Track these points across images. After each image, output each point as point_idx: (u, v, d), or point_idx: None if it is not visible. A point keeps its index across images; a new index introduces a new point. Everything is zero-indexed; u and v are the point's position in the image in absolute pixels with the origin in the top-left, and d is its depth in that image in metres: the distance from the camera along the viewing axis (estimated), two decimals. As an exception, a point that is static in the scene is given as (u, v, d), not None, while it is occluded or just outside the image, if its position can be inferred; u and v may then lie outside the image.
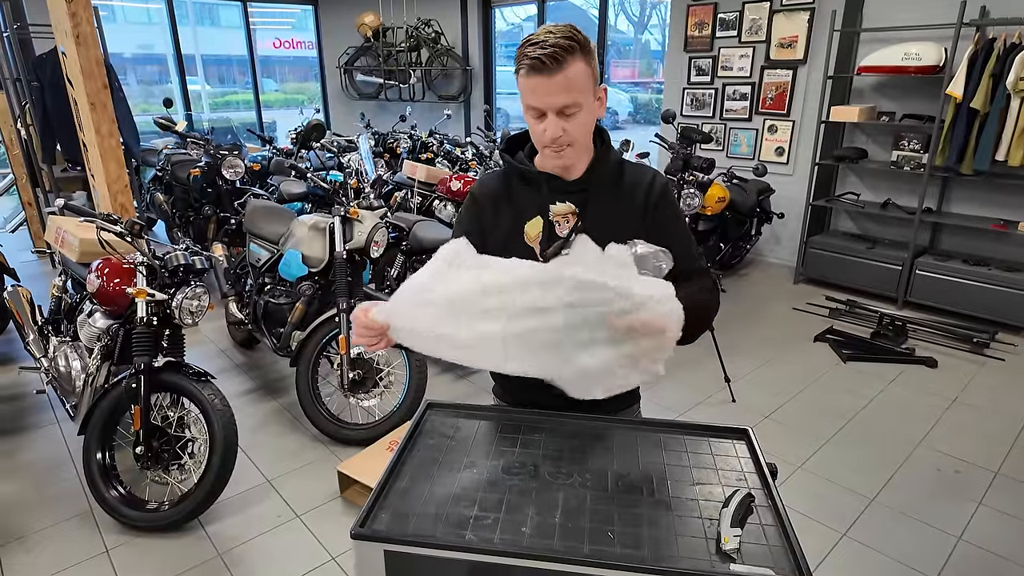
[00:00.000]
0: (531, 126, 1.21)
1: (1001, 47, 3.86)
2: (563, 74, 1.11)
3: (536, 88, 1.13)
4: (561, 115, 1.15)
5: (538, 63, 1.10)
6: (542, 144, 1.20)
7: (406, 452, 1.25)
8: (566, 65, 1.11)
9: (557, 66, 1.10)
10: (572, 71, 1.12)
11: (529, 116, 1.19)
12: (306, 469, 2.69)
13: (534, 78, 1.12)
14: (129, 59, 9.62)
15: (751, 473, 1.20)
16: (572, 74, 1.12)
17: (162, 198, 5.10)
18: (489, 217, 1.32)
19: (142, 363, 2.29)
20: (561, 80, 1.11)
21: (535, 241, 1.27)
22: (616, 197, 1.27)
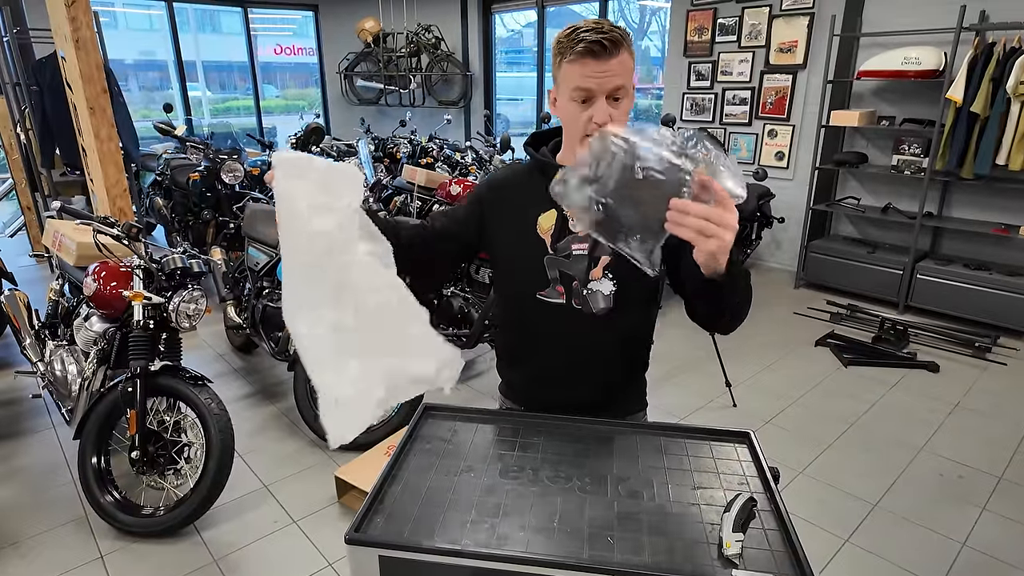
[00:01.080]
0: (572, 113, 1.19)
1: (1001, 51, 3.86)
2: (618, 59, 1.15)
3: (591, 71, 1.15)
4: (610, 99, 1.17)
5: (597, 46, 1.13)
6: (584, 132, 1.18)
7: (402, 456, 1.23)
8: (620, 50, 1.15)
9: (615, 49, 1.14)
10: (623, 57, 1.16)
11: (572, 102, 1.18)
12: (303, 474, 2.67)
13: (589, 62, 1.14)
14: (131, 65, 9.65)
15: (753, 477, 1.19)
16: (624, 60, 1.16)
17: (161, 202, 5.10)
18: (497, 205, 1.33)
19: (138, 367, 2.27)
20: (616, 64, 1.15)
21: (547, 233, 1.27)
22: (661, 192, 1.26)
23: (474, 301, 3.41)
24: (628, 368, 1.43)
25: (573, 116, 1.19)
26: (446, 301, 3.47)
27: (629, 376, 1.45)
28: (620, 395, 1.44)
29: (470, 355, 3.69)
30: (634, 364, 1.44)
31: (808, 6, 4.80)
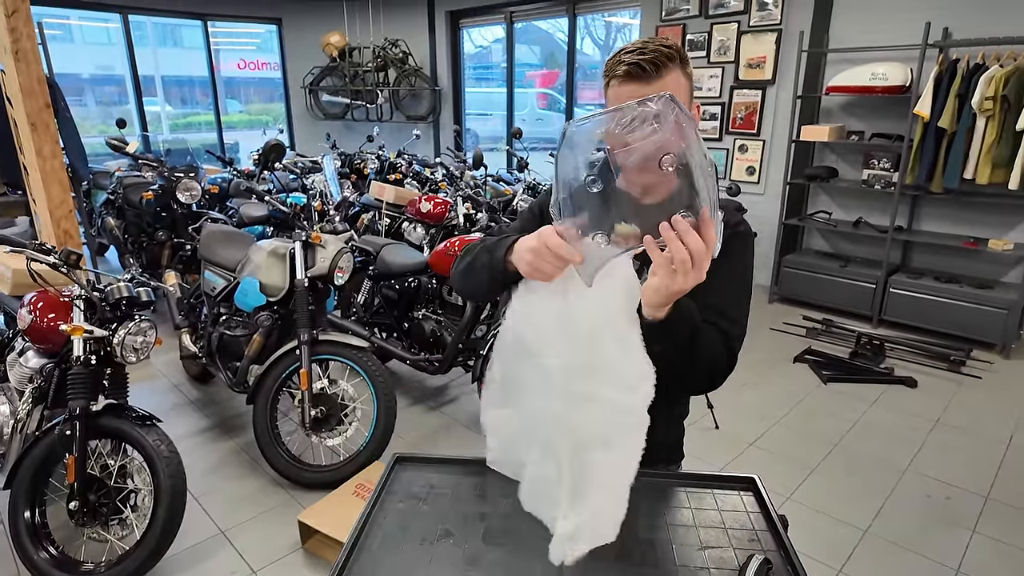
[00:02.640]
0: None
1: (965, 68, 3.91)
2: (662, 82, 1.02)
3: (630, 96, 1.01)
4: None
5: (637, 68, 1.01)
6: None
7: (370, 519, 1.08)
8: (665, 73, 1.02)
9: (656, 72, 1.01)
10: (671, 80, 1.02)
11: None
12: (264, 517, 2.48)
13: (630, 85, 1.02)
14: (87, 79, 9.30)
15: (763, 531, 1.07)
16: (671, 83, 1.02)
17: (113, 223, 4.84)
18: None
19: (78, 407, 2.06)
20: (659, 88, 1.01)
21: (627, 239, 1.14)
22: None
23: (447, 324, 3.26)
24: (668, 412, 1.30)
25: None
26: (417, 324, 3.32)
27: (668, 421, 1.32)
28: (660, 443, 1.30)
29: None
30: (673, 409, 1.33)
31: (776, 22, 4.83)
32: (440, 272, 3.24)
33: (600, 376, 0.93)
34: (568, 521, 0.95)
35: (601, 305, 0.95)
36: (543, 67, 10.17)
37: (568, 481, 0.96)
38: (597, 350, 0.94)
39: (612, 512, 0.96)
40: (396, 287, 3.37)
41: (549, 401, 0.98)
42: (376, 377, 2.61)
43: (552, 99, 10.11)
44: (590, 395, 0.93)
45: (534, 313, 1.02)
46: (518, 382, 1.06)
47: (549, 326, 0.98)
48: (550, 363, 0.97)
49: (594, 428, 0.94)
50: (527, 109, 9.79)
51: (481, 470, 1.21)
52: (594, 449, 0.94)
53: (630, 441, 0.95)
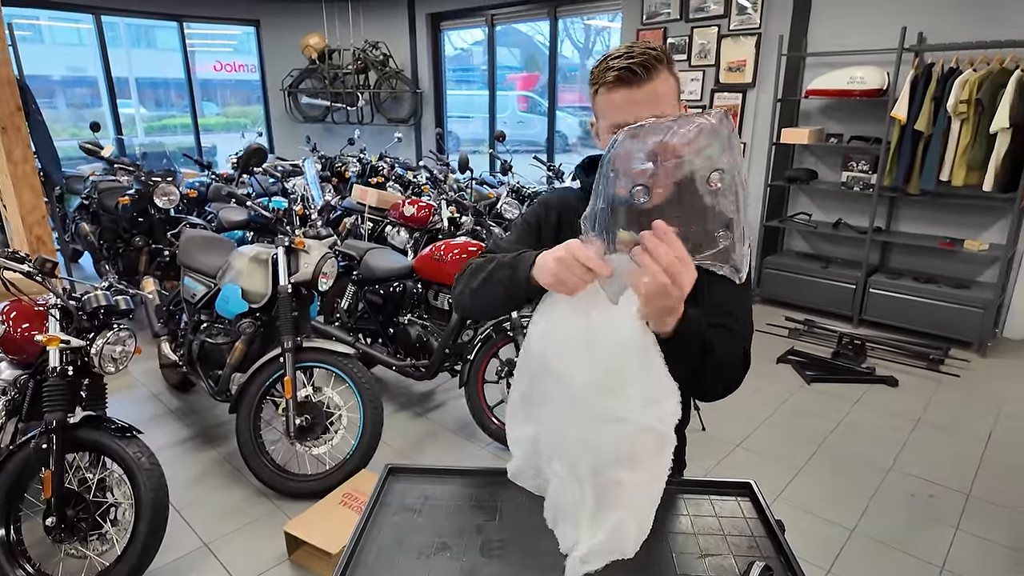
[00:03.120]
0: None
1: (940, 72, 3.99)
2: (652, 85, 1.03)
3: (622, 101, 1.04)
4: None
5: (627, 73, 1.02)
6: None
7: (365, 533, 1.05)
8: (655, 75, 1.03)
9: (647, 75, 1.02)
10: (660, 83, 1.04)
11: (609, 136, 1.05)
12: (249, 528, 2.42)
13: (620, 90, 1.04)
14: (58, 81, 9.09)
15: (762, 537, 1.07)
16: (661, 86, 1.04)
17: (88, 228, 4.72)
18: (550, 231, 1.24)
19: (55, 419, 2.00)
20: (650, 91, 1.03)
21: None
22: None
23: (433, 329, 3.24)
24: None
25: None
26: (403, 329, 3.29)
27: None
28: None
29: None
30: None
31: (755, 26, 4.88)
32: (426, 276, 3.22)
33: (624, 395, 0.92)
34: (587, 542, 0.94)
35: (623, 323, 0.93)
36: (523, 70, 10.19)
37: (590, 502, 0.95)
38: (620, 368, 0.93)
39: (634, 531, 0.95)
40: (381, 292, 3.33)
41: (572, 420, 0.96)
42: (362, 384, 2.57)
43: (533, 102, 10.12)
44: (614, 414, 0.92)
45: (556, 330, 1.00)
46: (541, 399, 1.04)
47: (572, 344, 0.97)
48: (573, 381, 0.95)
49: (618, 448, 0.92)
50: (508, 112, 9.79)
51: (477, 481, 1.20)
52: (618, 469, 0.93)
53: (656, 461, 0.95)
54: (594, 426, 0.93)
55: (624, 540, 0.94)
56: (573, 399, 0.95)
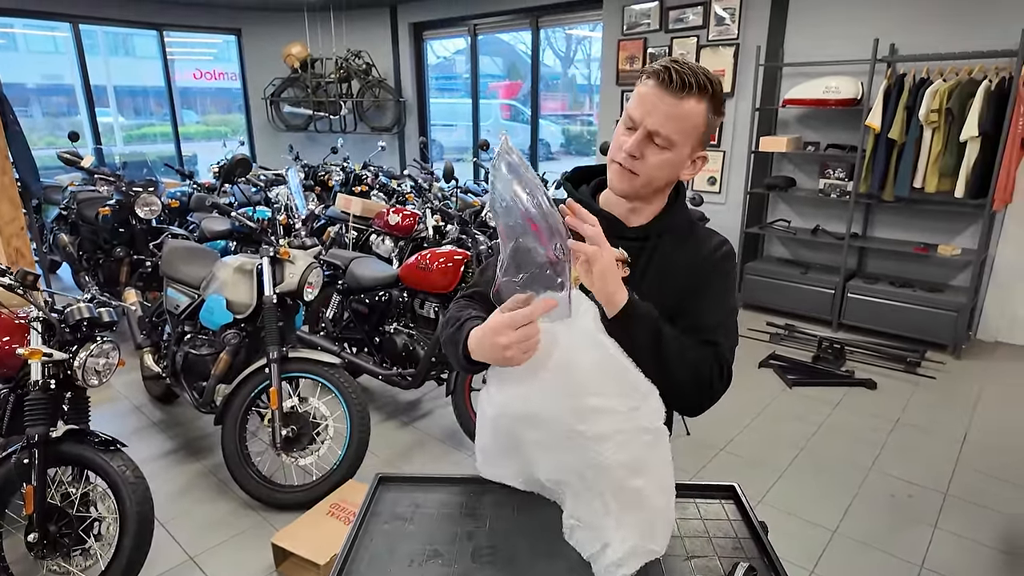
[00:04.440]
0: (617, 134, 1.10)
1: (911, 82, 4.10)
2: (682, 102, 1.02)
3: (649, 97, 1.04)
4: (649, 140, 1.06)
5: (667, 74, 1.01)
6: (616, 156, 1.10)
7: (356, 542, 1.06)
8: (690, 94, 1.02)
9: (682, 90, 1.01)
10: (692, 107, 1.03)
11: (622, 125, 1.09)
12: (235, 541, 2.41)
13: (653, 88, 1.03)
14: (33, 90, 8.97)
15: (746, 538, 1.10)
16: (690, 110, 1.03)
17: (67, 239, 4.66)
18: None
19: (36, 434, 1.98)
20: (675, 105, 1.02)
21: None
22: (672, 253, 1.16)
23: (419, 337, 3.24)
24: None
25: (616, 137, 1.11)
26: (389, 338, 3.29)
27: None
28: None
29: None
30: None
31: (733, 37, 4.97)
32: (411, 285, 3.23)
33: (609, 408, 0.95)
34: (619, 546, 0.96)
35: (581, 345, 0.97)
36: (506, 78, 10.25)
37: (615, 509, 0.97)
38: (596, 385, 0.95)
39: (661, 527, 0.99)
40: (366, 301, 3.33)
41: (568, 449, 0.98)
42: (348, 394, 2.57)
43: (516, 110, 10.18)
44: (609, 429, 0.94)
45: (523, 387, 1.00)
46: (517, 446, 1.06)
47: (545, 392, 0.98)
48: (552, 421, 0.97)
49: (625, 460, 0.95)
50: (491, 120, 9.83)
51: (466, 489, 1.21)
52: (633, 478, 0.95)
53: (659, 457, 0.98)
54: (587, 449, 0.95)
55: (654, 538, 0.98)
56: (561, 432, 0.97)
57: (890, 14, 4.28)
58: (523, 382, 0.99)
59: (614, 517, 0.97)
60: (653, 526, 0.98)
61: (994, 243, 4.24)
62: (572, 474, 1.00)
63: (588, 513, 1.00)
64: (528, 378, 0.99)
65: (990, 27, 3.91)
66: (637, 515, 0.97)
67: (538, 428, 1.00)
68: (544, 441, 1.01)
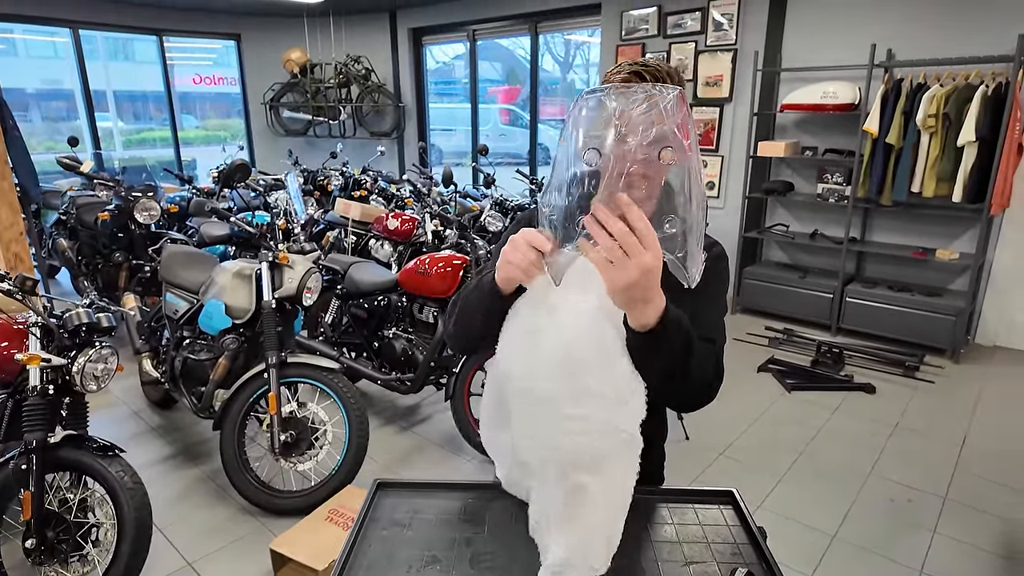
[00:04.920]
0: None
1: (909, 87, 4.11)
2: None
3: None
4: None
5: (635, 77, 1.05)
6: None
7: (354, 548, 1.06)
8: None
9: None
10: None
11: None
12: (234, 547, 2.40)
13: None
14: (32, 95, 8.98)
15: (744, 544, 1.10)
16: None
17: (66, 244, 4.66)
18: None
19: (35, 439, 1.97)
20: None
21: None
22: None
23: (418, 342, 3.24)
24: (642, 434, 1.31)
25: None
26: (388, 343, 3.29)
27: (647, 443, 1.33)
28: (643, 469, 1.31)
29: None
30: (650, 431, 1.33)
31: (731, 43, 4.99)
32: (410, 290, 3.23)
33: (585, 394, 0.93)
34: (558, 549, 0.95)
35: (580, 319, 0.94)
36: (505, 83, 10.28)
37: (559, 508, 0.96)
38: (582, 370, 0.93)
39: (601, 544, 0.96)
40: (365, 306, 3.33)
41: (538, 423, 0.98)
42: (347, 398, 2.57)
43: (514, 115, 10.21)
44: (578, 415, 0.93)
45: (517, 338, 1.02)
46: (509, 407, 1.06)
47: (533, 352, 0.98)
48: (536, 389, 0.97)
49: (583, 449, 0.93)
50: (490, 124, 9.86)
51: (465, 494, 1.21)
52: (581, 472, 0.94)
53: (622, 462, 0.96)
54: (557, 427, 0.94)
55: (592, 554, 0.94)
56: (537, 401, 0.96)
57: (887, 20, 4.30)
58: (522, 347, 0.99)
59: (558, 516, 0.96)
60: (593, 539, 0.94)
61: (992, 247, 4.25)
62: (538, 453, 1.00)
63: (543, 507, 1.00)
64: (528, 344, 0.98)
65: (986, 33, 3.93)
66: (578, 521, 0.94)
67: (523, 396, 1.00)
68: (525, 412, 1.00)
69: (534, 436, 1.00)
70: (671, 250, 0.85)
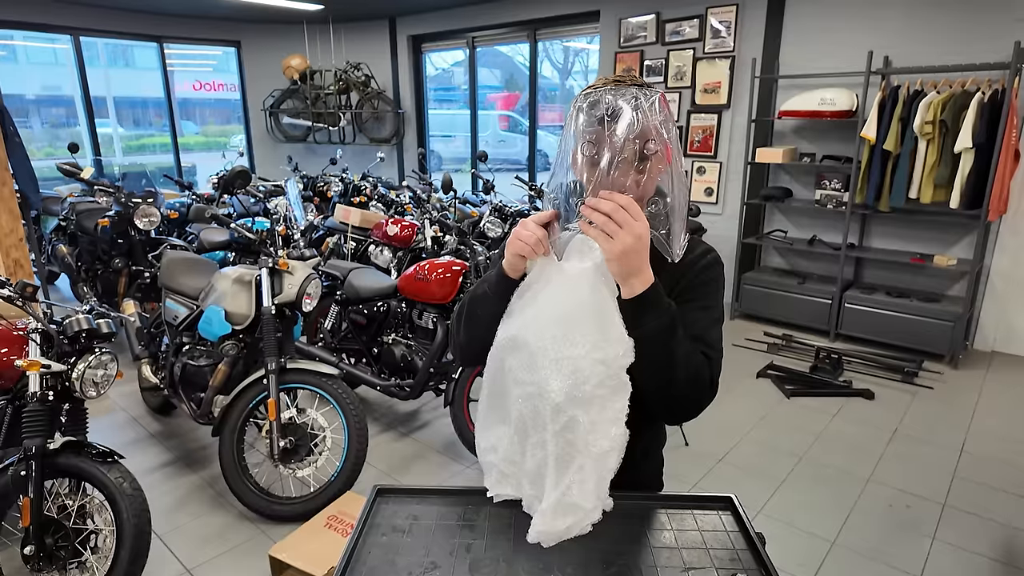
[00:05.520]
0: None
1: (906, 94, 4.13)
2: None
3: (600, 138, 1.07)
4: None
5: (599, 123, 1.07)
6: None
7: (354, 555, 1.06)
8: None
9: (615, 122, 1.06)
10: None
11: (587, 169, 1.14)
12: (233, 553, 2.40)
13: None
14: (32, 101, 9.02)
15: (743, 550, 1.10)
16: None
17: (66, 250, 4.67)
18: None
19: (34, 446, 1.98)
20: None
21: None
22: (657, 261, 1.14)
23: (417, 348, 3.25)
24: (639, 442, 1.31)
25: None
26: (387, 349, 3.29)
27: (644, 451, 1.32)
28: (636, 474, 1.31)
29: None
30: (647, 438, 1.33)
31: (729, 50, 5.02)
32: (410, 296, 3.24)
33: (580, 341, 1.00)
34: (549, 496, 0.99)
35: (578, 284, 1.02)
36: (504, 89, 10.32)
37: (552, 449, 1.00)
38: (575, 319, 1.01)
39: (592, 482, 0.99)
40: (365, 312, 3.34)
41: (531, 373, 1.03)
42: (347, 405, 2.57)
43: (514, 121, 10.25)
44: (569, 356, 0.99)
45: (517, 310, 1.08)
46: (503, 385, 1.09)
47: (531, 312, 1.05)
48: (532, 344, 1.03)
49: (575, 384, 0.98)
50: (489, 131, 9.89)
51: (464, 500, 1.21)
52: (575, 406, 0.99)
53: (611, 402, 1.00)
54: (550, 369, 1.00)
55: (584, 492, 0.99)
56: (533, 359, 1.03)
57: (884, 27, 4.33)
58: (521, 313, 1.07)
59: (552, 466, 1.01)
60: (584, 474, 0.99)
61: (989, 253, 4.27)
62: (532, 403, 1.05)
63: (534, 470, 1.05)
64: (526, 308, 1.06)
65: (982, 40, 3.96)
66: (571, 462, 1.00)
67: (519, 351, 1.05)
68: (520, 366, 1.06)
69: (528, 383, 1.04)
70: (656, 228, 1.01)
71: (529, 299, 1.07)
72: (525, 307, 1.07)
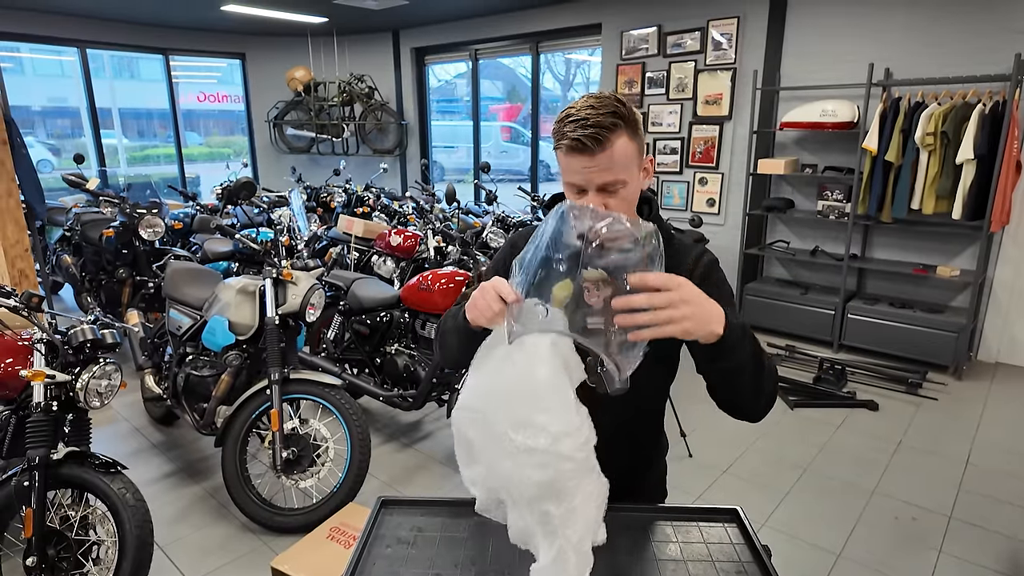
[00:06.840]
0: (569, 197, 1.13)
1: (907, 105, 4.15)
2: (606, 153, 1.04)
3: (576, 167, 1.07)
4: (603, 192, 1.08)
5: (578, 144, 1.04)
6: None
7: (359, 567, 1.06)
8: (608, 144, 1.04)
9: (599, 147, 1.03)
10: (616, 149, 1.05)
11: (569, 191, 1.12)
12: (235, 565, 2.39)
13: (575, 157, 1.06)
14: (38, 112, 9.09)
15: (749, 562, 1.09)
16: (616, 152, 1.05)
17: (70, 260, 4.69)
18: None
19: (37, 456, 1.97)
20: (604, 159, 1.04)
21: (562, 304, 1.15)
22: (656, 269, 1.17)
23: (420, 358, 3.25)
24: (641, 451, 1.32)
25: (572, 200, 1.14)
26: (390, 359, 3.29)
27: (647, 460, 1.34)
28: (639, 482, 1.32)
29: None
30: (648, 446, 1.34)
31: (730, 62, 5.05)
32: (413, 306, 3.24)
33: (532, 427, 0.97)
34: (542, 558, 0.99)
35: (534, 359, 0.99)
36: (506, 101, 10.38)
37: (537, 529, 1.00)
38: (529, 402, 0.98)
39: (573, 561, 0.98)
40: (368, 322, 3.34)
41: (500, 457, 1.01)
42: (349, 415, 2.57)
43: (516, 132, 10.29)
44: (526, 448, 0.96)
45: (481, 379, 1.06)
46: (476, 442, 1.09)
47: (489, 385, 1.03)
48: (495, 421, 1.01)
49: (537, 481, 0.96)
50: (491, 142, 9.94)
51: (468, 511, 1.21)
52: (544, 502, 0.97)
53: (579, 489, 0.98)
54: (514, 460, 0.98)
55: (567, 569, 0.97)
56: (492, 434, 1.00)
57: (885, 39, 4.35)
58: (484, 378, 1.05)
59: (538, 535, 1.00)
60: (566, 555, 0.97)
61: (992, 264, 4.26)
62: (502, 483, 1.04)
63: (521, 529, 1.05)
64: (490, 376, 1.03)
65: (983, 52, 3.98)
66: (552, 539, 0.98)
67: (481, 428, 1.04)
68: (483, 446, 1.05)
69: (494, 469, 1.04)
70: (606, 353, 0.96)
71: (491, 369, 1.04)
72: (488, 374, 1.04)
